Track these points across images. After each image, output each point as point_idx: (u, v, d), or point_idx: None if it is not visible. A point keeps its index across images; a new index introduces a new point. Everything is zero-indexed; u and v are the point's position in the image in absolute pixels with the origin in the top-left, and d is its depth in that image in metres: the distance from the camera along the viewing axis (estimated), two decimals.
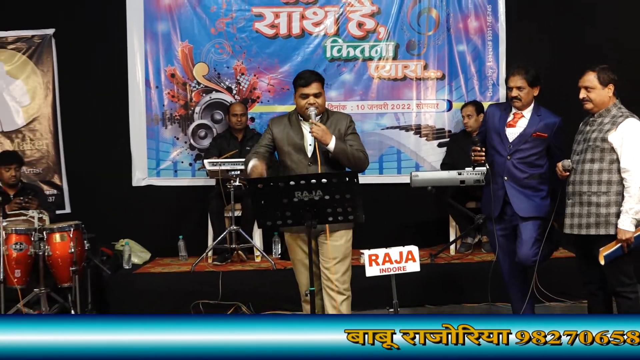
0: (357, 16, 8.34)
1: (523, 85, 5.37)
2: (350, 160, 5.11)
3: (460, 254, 7.74)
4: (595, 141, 5.00)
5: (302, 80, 5.13)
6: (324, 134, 4.97)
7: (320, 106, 5.11)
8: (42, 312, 6.56)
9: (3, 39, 8.20)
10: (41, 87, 8.30)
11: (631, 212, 4.88)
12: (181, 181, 8.42)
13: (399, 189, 8.11)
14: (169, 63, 8.34)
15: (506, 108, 5.58)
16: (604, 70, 5.06)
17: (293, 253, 5.26)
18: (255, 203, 4.72)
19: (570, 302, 6.72)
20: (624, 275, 5.07)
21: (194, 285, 7.14)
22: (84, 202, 8.25)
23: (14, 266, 6.45)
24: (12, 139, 8.28)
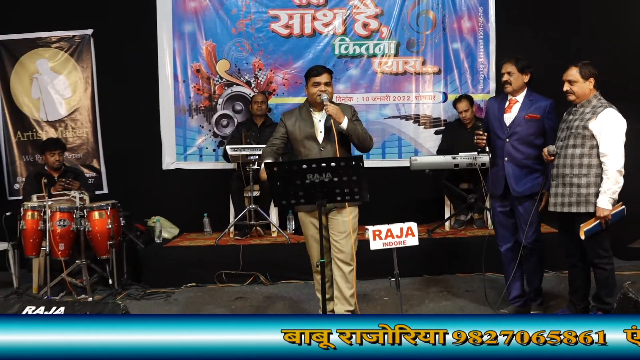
0: (363, 17, 8.31)
1: (513, 71, 5.39)
2: (360, 138, 5.14)
3: (454, 229, 7.75)
4: (577, 129, 5.01)
5: (315, 71, 5.18)
6: (338, 112, 5.01)
7: (330, 94, 5.12)
8: (83, 281, 6.58)
9: (47, 39, 8.20)
10: (81, 81, 8.30)
11: (609, 192, 4.90)
12: (206, 165, 8.42)
13: (399, 172, 8.10)
14: (194, 60, 8.33)
15: (503, 98, 5.59)
16: (586, 65, 5.07)
17: (306, 229, 5.26)
18: (272, 184, 4.72)
19: (552, 272, 6.71)
20: (601, 249, 5.08)
21: (218, 257, 7.16)
22: (120, 183, 8.28)
23: (58, 240, 6.46)
24: (56, 127, 8.28)
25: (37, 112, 8.26)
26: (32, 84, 8.24)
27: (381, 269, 6.22)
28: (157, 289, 6.86)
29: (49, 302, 4.14)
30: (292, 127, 5.22)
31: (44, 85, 8.24)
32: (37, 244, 6.57)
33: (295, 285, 6.94)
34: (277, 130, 5.32)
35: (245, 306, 6.27)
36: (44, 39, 8.20)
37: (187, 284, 7.03)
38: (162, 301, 6.53)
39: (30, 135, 8.25)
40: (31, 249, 6.58)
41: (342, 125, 5.03)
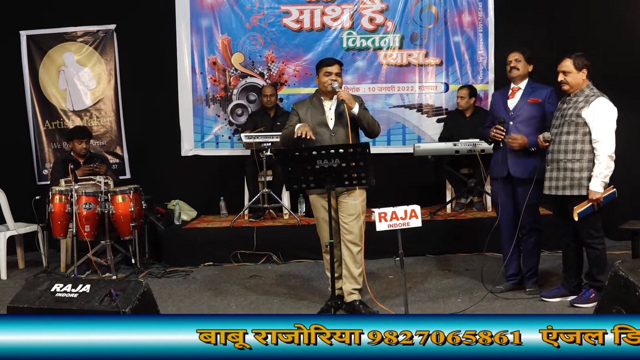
0: (369, 12, 8.27)
1: (520, 58, 5.44)
2: (369, 124, 5.13)
3: (455, 212, 7.72)
4: (571, 117, 5.00)
5: (327, 62, 5.18)
6: (350, 97, 4.99)
7: (339, 84, 5.10)
8: (108, 260, 6.59)
9: (73, 33, 8.19)
10: (105, 73, 8.29)
11: (600, 176, 4.90)
12: (222, 151, 8.41)
13: (404, 158, 8.07)
14: (211, 53, 8.30)
15: (506, 89, 5.61)
16: (579, 57, 5.06)
17: (317, 211, 5.23)
18: (284, 169, 4.72)
19: (548, 252, 6.69)
20: (593, 229, 5.07)
21: (233, 238, 7.16)
22: (141, 169, 8.28)
23: (84, 222, 6.47)
24: (82, 116, 8.28)
25: (64, 103, 8.26)
26: (59, 76, 8.24)
27: (386, 249, 6.25)
28: (177, 268, 6.88)
29: (75, 280, 4.15)
30: (304, 115, 5.18)
31: (70, 77, 8.23)
32: (64, 225, 6.59)
33: (306, 264, 6.94)
34: (290, 119, 5.28)
35: (259, 283, 6.29)
36: (70, 34, 8.19)
37: (205, 263, 7.05)
38: (182, 279, 6.55)
39: (57, 124, 8.25)
40: (59, 230, 6.60)
41: (353, 110, 5.01)
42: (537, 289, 5.53)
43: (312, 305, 5.44)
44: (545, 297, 5.35)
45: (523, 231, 5.50)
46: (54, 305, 3.94)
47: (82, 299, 3.96)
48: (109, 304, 3.86)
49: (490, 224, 5.73)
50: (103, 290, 3.97)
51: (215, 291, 6.07)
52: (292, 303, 5.58)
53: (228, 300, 5.72)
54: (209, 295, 5.94)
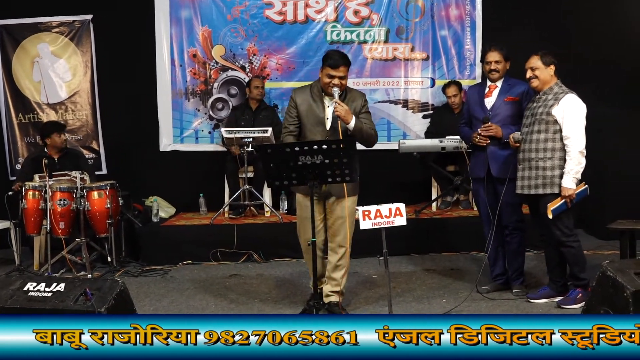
0: (354, 5, 8.27)
1: (499, 59, 5.46)
2: (364, 137, 5.05)
3: (441, 210, 7.74)
4: (541, 115, 5.08)
5: (332, 61, 4.91)
6: (346, 114, 4.85)
7: (343, 87, 4.96)
8: (83, 258, 6.56)
9: (48, 24, 8.14)
10: (81, 65, 8.25)
11: (572, 172, 4.98)
12: (201, 147, 8.39)
13: (389, 154, 8.07)
14: (191, 45, 8.28)
15: (482, 85, 5.66)
16: (546, 54, 5.16)
17: (302, 211, 5.16)
18: (265, 166, 4.71)
19: (534, 252, 6.72)
20: (565, 227, 5.12)
21: (213, 235, 7.16)
22: (118, 164, 8.25)
23: (59, 219, 6.43)
24: (57, 109, 8.24)
25: (38, 95, 8.21)
26: (34, 68, 8.19)
27: (370, 247, 6.23)
28: (154, 267, 6.85)
29: (49, 279, 4.13)
30: (302, 105, 5.04)
31: (44, 69, 8.19)
32: (38, 222, 6.54)
33: (288, 263, 6.94)
34: (288, 113, 5.13)
35: (239, 283, 6.28)
36: (45, 24, 8.14)
37: (183, 261, 7.02)
38: (159, 278, 6.53)
39: (31, 117, 8.20)
40: (32, 227, 6.55)
41: (349, 125, 4.90)
42: (524, 290, 5.55)
43: (293, 305, 5.45)
44: (531, 298, 5.38)
45: (506, 231, 5.54)
46: (26, 304, 3.91)
47: (56, 298, 3.93)
48: (84, 304, 3.84)
49: (476, 223, 5.75)
50: (78, 289, 3.94)
51: (193, 290, 6.06)
52: (273, 303, 5.60)
53: (207, 300, 5.73)
54: (188, 294, 5.93)
